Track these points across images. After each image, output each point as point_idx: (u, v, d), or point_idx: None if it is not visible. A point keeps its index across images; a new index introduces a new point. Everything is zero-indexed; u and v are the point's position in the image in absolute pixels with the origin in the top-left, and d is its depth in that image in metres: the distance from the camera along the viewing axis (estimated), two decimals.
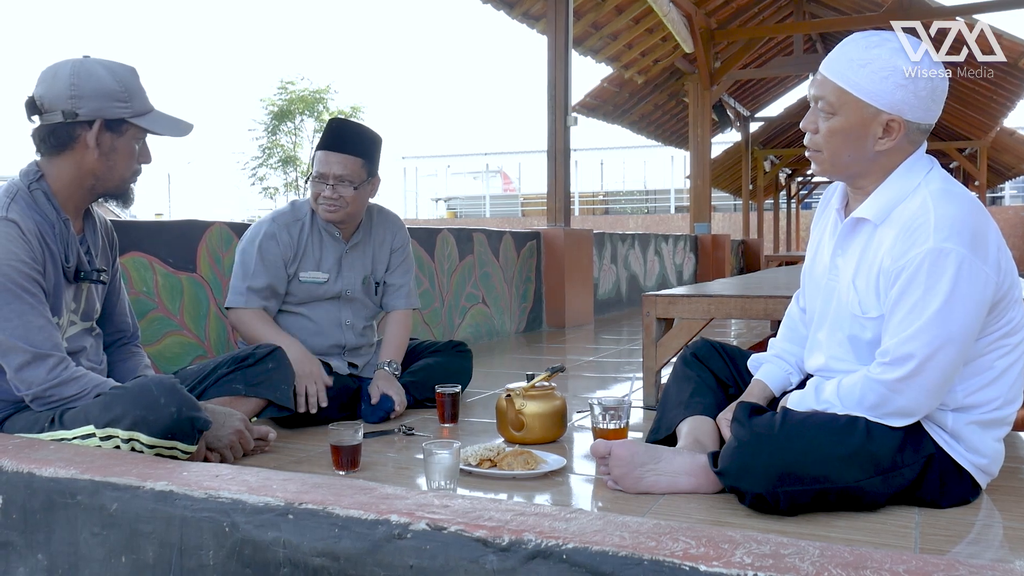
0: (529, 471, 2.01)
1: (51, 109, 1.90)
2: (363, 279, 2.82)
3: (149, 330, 2.83)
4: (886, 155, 1.72)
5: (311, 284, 2.73)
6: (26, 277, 1.84)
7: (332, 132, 2.71)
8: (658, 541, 1.12)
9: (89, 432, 1.81)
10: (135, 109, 1.95)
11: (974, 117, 14.23)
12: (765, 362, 2.05)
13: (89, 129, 1.91)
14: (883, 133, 1.69)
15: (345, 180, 2.65)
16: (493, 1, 7.73)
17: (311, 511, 1.30)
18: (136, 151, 2.00)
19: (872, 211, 1.73)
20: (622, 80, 11.49)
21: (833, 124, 1.71)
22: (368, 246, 2.84)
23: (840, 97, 1.69)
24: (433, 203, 40.14)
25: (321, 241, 2.74)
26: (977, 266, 1.60)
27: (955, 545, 1.55)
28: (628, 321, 6.53)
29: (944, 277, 1.59)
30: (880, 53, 1.66)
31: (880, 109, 1.67)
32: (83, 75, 1.90)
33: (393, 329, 2.88)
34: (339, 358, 2.80)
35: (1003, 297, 1.67)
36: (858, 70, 1.67)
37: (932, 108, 1.70)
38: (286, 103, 26.42)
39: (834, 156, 1.74)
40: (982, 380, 1.71)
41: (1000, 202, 29.18)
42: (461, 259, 5.01)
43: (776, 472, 1.65)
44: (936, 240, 1.59)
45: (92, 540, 1.47)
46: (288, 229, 2.69)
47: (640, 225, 26.38)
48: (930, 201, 1.64)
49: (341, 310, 2.79)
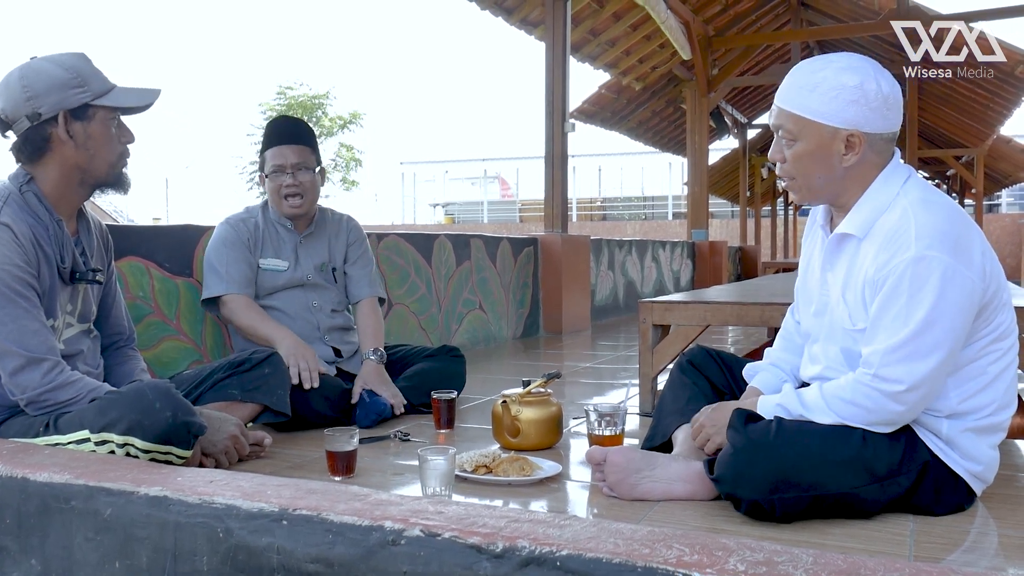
0: (525, 477, 2.01)
1: (16, 118, 1.90)
2: (320, 266, 2.96)
3: (145, 334, 2.82)
4: (856, 170, 1.74)
5: (272, 272, 2.88)
6: (20, 281, 1.83)
7: (277, 128, 2.94)
8: (652, 548, 1.12)
9: (84, 437, 1.81)
10: (94, 91, 1.94)
11: (971, 125, 14.27)
12: (760, 370, 2.05)
13: (56, 125, 1.91)
14: (846, 149, 1.71)
15: (301, 166, 2.86)
16: (491, 7, 7.75)
17: (305, 517, 1.30)
18: (113, 133, 1.98)
19: (854, 226, 1.75)
20: (620, 86, 11.52)
21: (797, 150, 1.75)
22: (322, 238, 2.99)
23: (797, 123, 1.73)
24: (431, 208, 40.16)
25: (277, 233, 2.92)
26: (961, 272, 1.61)
27: (950, 553, 1.55)
28: (625, 327, 6.53)
29: (928, 285, 1.60)
30: (826, 75, 1.70)
31: (837, 127, 1.70)
32: (32, 75, 1.90)
33: (365, 318, 2.99)
34: (320, 343, 2.89)
35: (990, 301, 1.68)
36: (808, 95, 1.71)
37: (889, 116, 1.72)
38: (285, 108, 26.41)
39: (807, 180, 1.77)
40: (976, 385, 1.71)
41: (997, 210, 29.22)
42: (458, 265, 5.01)
43: (772, 479, 1.65)
44: (918, 248, 1.61)
45: (86, 545, 1.46)
46: (244, 223, 2.88)
47: (638, 231, 26.40)
48: (910, 210, 1.66)
49: (307, 295, 2.93)
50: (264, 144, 2.93)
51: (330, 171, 27.60)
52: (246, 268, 2.83)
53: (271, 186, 2.88)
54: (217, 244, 2.85)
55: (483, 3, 7.63)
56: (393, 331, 4.31)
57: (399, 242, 4.45)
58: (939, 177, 21.14)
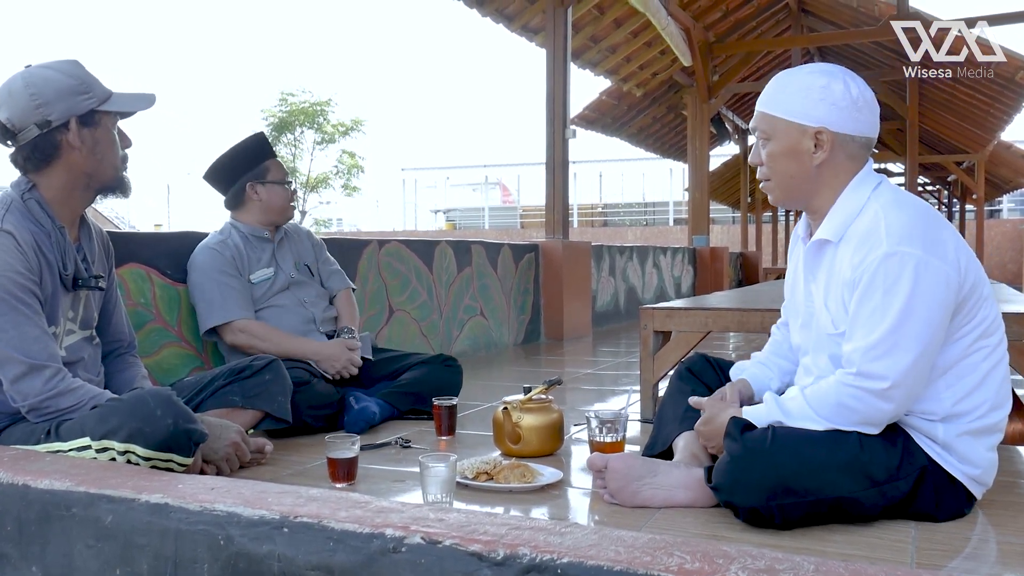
0: (526, 484, 2.01)
1: (24, 126, 1.91)
2: (296, 264, 3.10)
3: (147, 341, 2.83)
4: (828, 170, 1.78)
5: (263, 282, 2.98)
6: (22, 288, 1.84)
7: (267, 142, 3.12)
8: (653, 556, 1.12)
9: (85, 444, 1.81)
10: (98, 97, 1.97)
11: (972, 131, 14.28)
12: (748, 367, 2.08)
13: (68, 131, 1.92)
14: (815, 148, 1.77)
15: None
16: (493, 14, 7.77)
17: (306, 524, 1.30)
18: (116, 137, 2.01)
19: (830, 231, 1.79)
20: (621, 93, 11.54)
21: (771, 149, 1.82)
22: (289, 241, 3.13)
23: (771, 123, 1.81)
24: (432, 215, 40.19)
25: (254, 246, 3.02)
26: (934, 264, 1.63)
27: (951, 560, 1.55)
28: (626, 333, 6.53)
29: (902, 279, 1.62)
30: (797, 77, 1.80)
31: (806, 125, 1.76)
32: (38, 82, 1.91)
33: (342, 308, 3.19)
34: (316, 333, 3.01)
35: (970, 295, 1.69)
36: (779, 95, 1.80)
37: (859, 119, 1.76)
38: (286, 115, 26.47)
39: (780, 179, 1.83)
40: (967, 384, 1.72)
41: (998, 215, 29.22)
42: (459, 271, 5.01)
43: (769, 485, 1.65)
44: (889, 244, 1.64)
45: (87, 552, 1.46)
46: (225, 245, 2.95)
47: (639, 237, 26.40)
48: (881, 211, 1.70)
49: (296, 293, 3.04)
50: (264, 153, 3.05)
51: (332, 177, 27.65)
52: (244, 290, 2.91)
53: (281, 194, 3.02)
54: (209, 272, 2.89)
55: (484, 10, 7.65)
56: (394, 337, 4.32)
57: (400, 248, 4.46)
58: (940, 183, 21.16)
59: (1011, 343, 2.39)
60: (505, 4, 7.83)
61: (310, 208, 28.00)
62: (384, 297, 4.28)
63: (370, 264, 4.18)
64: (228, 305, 2.86)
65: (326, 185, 27.71)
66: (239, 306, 2.87)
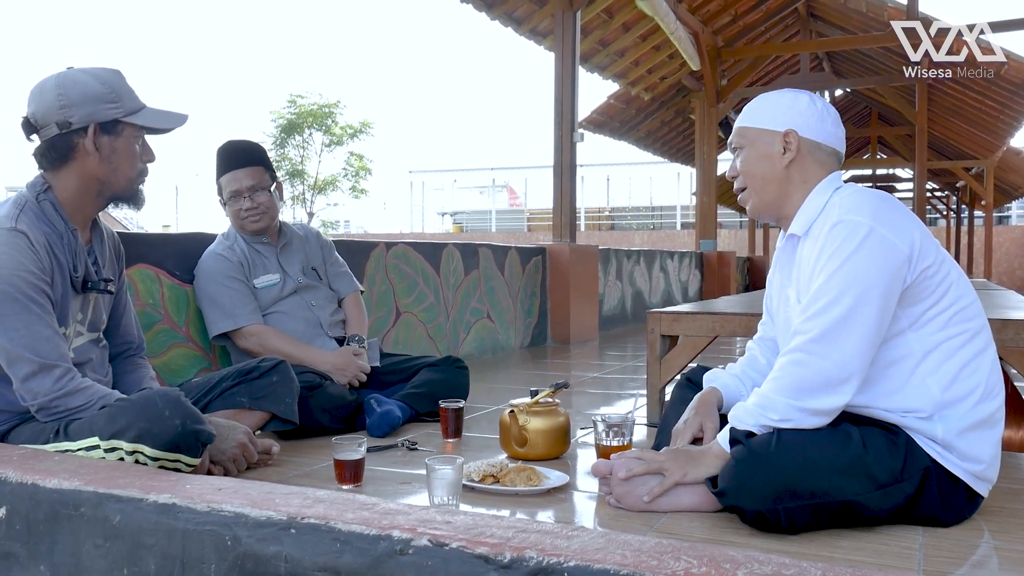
0: (532, 488, 2.01)
1: (45, 124, 1.92)
2: (303, 268, 3.08)
3: (155, 342, 2.84)
4: (797, 173, 1.89)
5: (268, 288, 2.97)
6: (34, 288, 1.85)
7: (227, 154, 2.97)
8: (660, 560, 1.12)
9: (94, 444, 1.82)
10: (126, 108, 1.97)
11: (981, 137, 14.24)
12: (721, 377, 2.10)
13: (85, 135, 1.93)
14: (784, 149, 1.89)
15: (257, 188, 2.94)
16: (501, 18, 7.79)
17: (313, 526, 1.30)
18: (137, 151, 2.01)
19: (797, 226, 1.90)
20: (629, 97, 11.55)
21: (745, 156, 1.95)
22: (295, 245, 3.11)
23: (745, 134, 1.96)
24: (439, 217, 40.25)
25: (258, 252, 3.01)
26: (883, 234, 1.70)
27: (959, 567, 1.54)
28: (633, 337, 6.52)
29: (851, 240, 1.70)
30: (769, 95, 1.98)
31: (775, 130, 1.90)
32: (68, 84, 1.92)
33: (350, 312, 3.17)
34: (324, 337, 3.00)
35: (929, 273, 1.72)
36: (754, 109, 1.96)
37: (824, 127, 1.89)
38: (295, 116, 26.55)
39: (753, 183, 1.94)
40: (950, 370, 1.72)
41: (1007, 222, 29.13)
42: (466, 274, 5.01)
43: (774, 489, 1.65)
44: (839, 215, 1.74)
45: (95, 552, 1.47)
46: (231, 251, 2.96)
47: (646, 241, 26.39)
48: (838, 199, 1.81)
49: (303, 297, 3.03)
50: (218, 171, 2.98)
51: (340, 179, 27.70)
52: (251, 295, 2.93)
53: (231, 211, 2.97)
54: (216, 277, 2.91)
55: (493, 13, 7.67)
56: (401, 340, 4.32)
57: (407, 251, 4.46)
58: (948, 188, 21.09)
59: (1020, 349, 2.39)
60: (514, 8, 7.85)
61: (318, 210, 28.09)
62: (391, 299, 4.29)
63: (377, 266, 4.19)
64: (238, 310, 2.87)
65: (334, 187, 27.80)
66: (249, 311, 2.88)
